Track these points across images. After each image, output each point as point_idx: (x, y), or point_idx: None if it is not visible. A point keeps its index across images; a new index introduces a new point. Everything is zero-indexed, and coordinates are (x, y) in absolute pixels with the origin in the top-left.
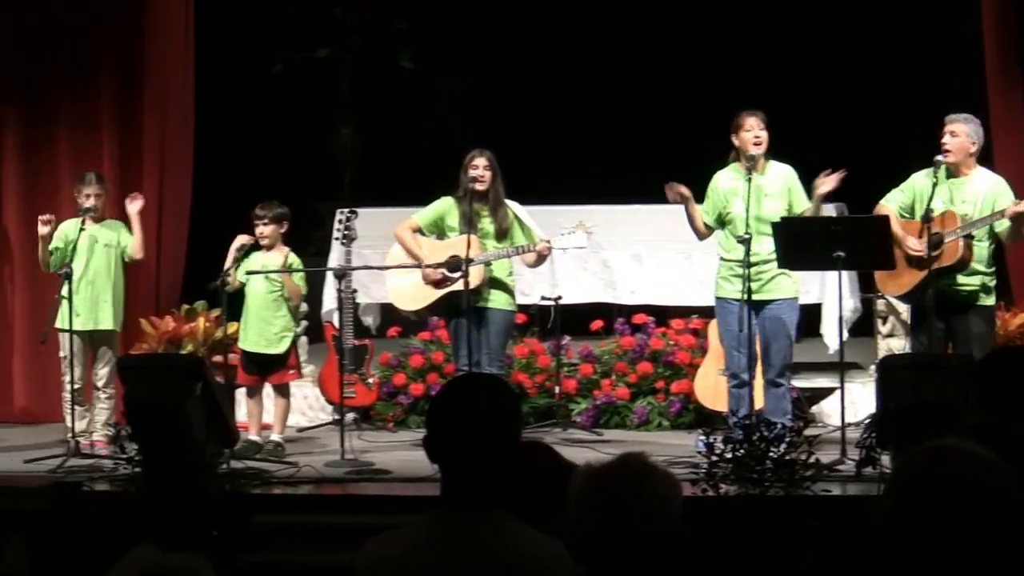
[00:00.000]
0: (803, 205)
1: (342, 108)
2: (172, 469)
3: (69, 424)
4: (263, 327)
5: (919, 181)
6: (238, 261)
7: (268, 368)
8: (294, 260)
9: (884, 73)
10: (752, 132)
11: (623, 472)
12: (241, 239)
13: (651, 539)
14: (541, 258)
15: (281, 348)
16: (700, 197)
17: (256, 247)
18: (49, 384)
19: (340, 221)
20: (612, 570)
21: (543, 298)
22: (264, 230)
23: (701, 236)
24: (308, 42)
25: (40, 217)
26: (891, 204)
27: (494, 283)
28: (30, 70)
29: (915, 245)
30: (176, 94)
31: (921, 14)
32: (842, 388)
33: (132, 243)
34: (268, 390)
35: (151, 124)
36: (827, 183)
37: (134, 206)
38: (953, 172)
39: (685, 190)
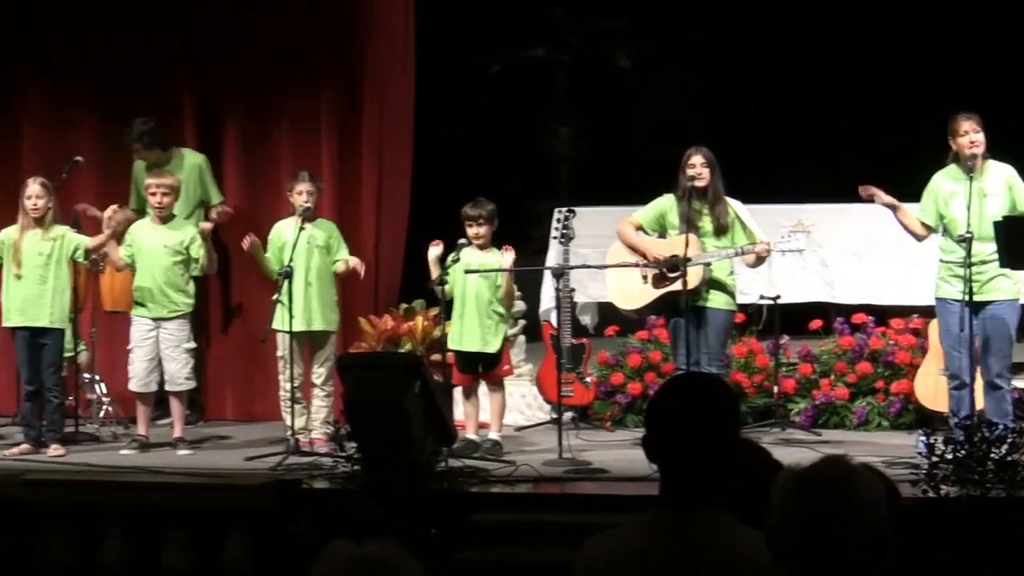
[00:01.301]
0: None
1: (559, 107)
2: (391, 467)
3: (288, 422)
4: (478, 326)
5: None
6: (446, 267)
7: (483, 366)
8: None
9: None
10: (967, 136)
11: (824, 475)
12: (434, 251)
13: (853, 542)
14: (760, 259)
15: (495, 347)
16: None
17: (453, 248)
18: (270, 383)
19: (558, 220)
20: (814, 572)
21: (762, 297)
22: (479, 231)
23: (919, 238)
24: (525, 42)
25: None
26: None
27: (714, 283)
28: (255, 68)
29: None
30: (395, 94)
31: None
32: None
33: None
34: (484, 389)
35: (370, 124)
36: None
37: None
38: None
39: (887, 198)
